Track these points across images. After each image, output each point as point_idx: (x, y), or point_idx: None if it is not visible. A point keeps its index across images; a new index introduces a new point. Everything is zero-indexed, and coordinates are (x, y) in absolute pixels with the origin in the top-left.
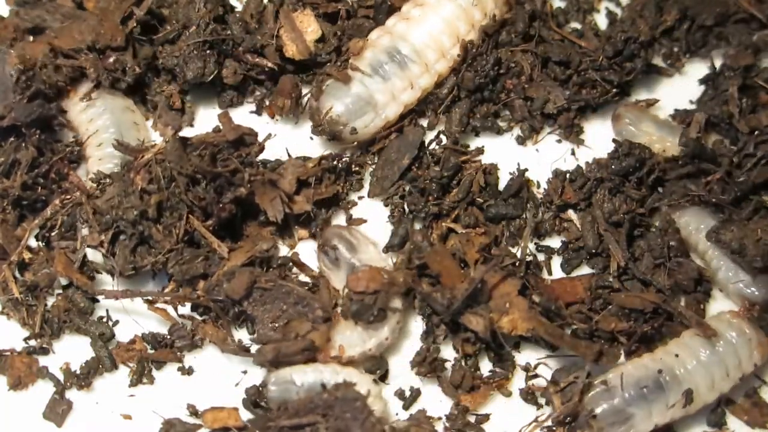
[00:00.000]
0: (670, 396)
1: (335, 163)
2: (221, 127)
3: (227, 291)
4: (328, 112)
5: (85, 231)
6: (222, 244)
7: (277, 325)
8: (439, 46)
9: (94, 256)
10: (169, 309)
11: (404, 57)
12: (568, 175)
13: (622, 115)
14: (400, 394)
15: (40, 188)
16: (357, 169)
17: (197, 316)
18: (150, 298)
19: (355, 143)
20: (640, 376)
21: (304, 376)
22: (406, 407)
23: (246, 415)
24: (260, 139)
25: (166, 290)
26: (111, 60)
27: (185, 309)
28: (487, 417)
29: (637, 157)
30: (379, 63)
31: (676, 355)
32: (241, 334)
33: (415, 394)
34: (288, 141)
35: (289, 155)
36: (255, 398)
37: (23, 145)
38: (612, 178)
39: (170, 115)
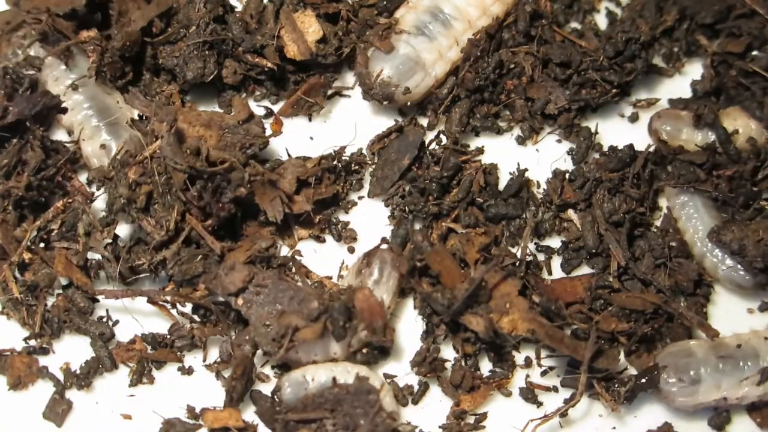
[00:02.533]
0: (745, 371)
1: (335, 163)
2: (234, 109)
3: (225, 282)
4: (378, 74)
5: (88, 235)
6: (215, 241)
7: (269, 322)
8: (479, 3)
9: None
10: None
11: (447, 15)
12: (567, 175)
13: (658, 129)
14: (408, 389)
15: (43, 190)
16: (357, 168)
17: (197, 318)
18: (151, 296)
19: (409, 104)
20: (719, 347)
21: (317, 376)
22: (415, 402)
23: (246, 415)
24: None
25: (166, 290)
26: (118, 66)
27: (185, 309)
28: (485, 416)
29: (629, 153)
30: (423, 23)
31: (766, 338)
32: None
33: (424, 388)
34: (288, 141)
35: (289, 155)
36: (262, 402)
37: (29, 145)
38: (611, 179)
39: (164, 111)
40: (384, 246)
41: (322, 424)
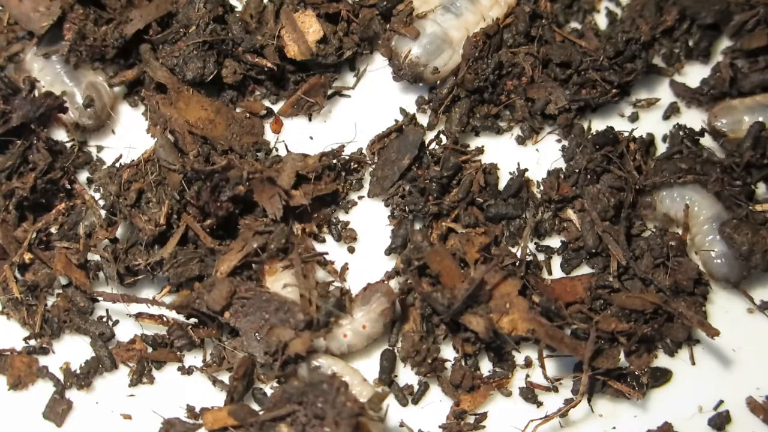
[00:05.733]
0: None
1: (335, 161)
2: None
3: (208, 302)
4: (407, 55)
5: (89, 236)
6: (207, 236)
7: (260, 335)
8: None
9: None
10: (165, 312)
11: None
12: (563, 173)
13: (717, 129)
14: (408, 389)
15: (47, 191)
16: (357, 168)
17: (188, 321)
18: (147, 304)
19: (438, 81)
20: None
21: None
22: (415, 402)
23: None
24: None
25: (162, 292)
26: (96, 51)
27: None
28: (485, 416)
29: (612, 133)
30: (450, 0)
31: None
32: None
33: (424, 388)
34: (288, 141)
35: (288, 151)
36: (264, 401)
37: (33, 147)
38: (597, 160)
39: (159, 114)
40: (388, 281)
41: (294, 418)
